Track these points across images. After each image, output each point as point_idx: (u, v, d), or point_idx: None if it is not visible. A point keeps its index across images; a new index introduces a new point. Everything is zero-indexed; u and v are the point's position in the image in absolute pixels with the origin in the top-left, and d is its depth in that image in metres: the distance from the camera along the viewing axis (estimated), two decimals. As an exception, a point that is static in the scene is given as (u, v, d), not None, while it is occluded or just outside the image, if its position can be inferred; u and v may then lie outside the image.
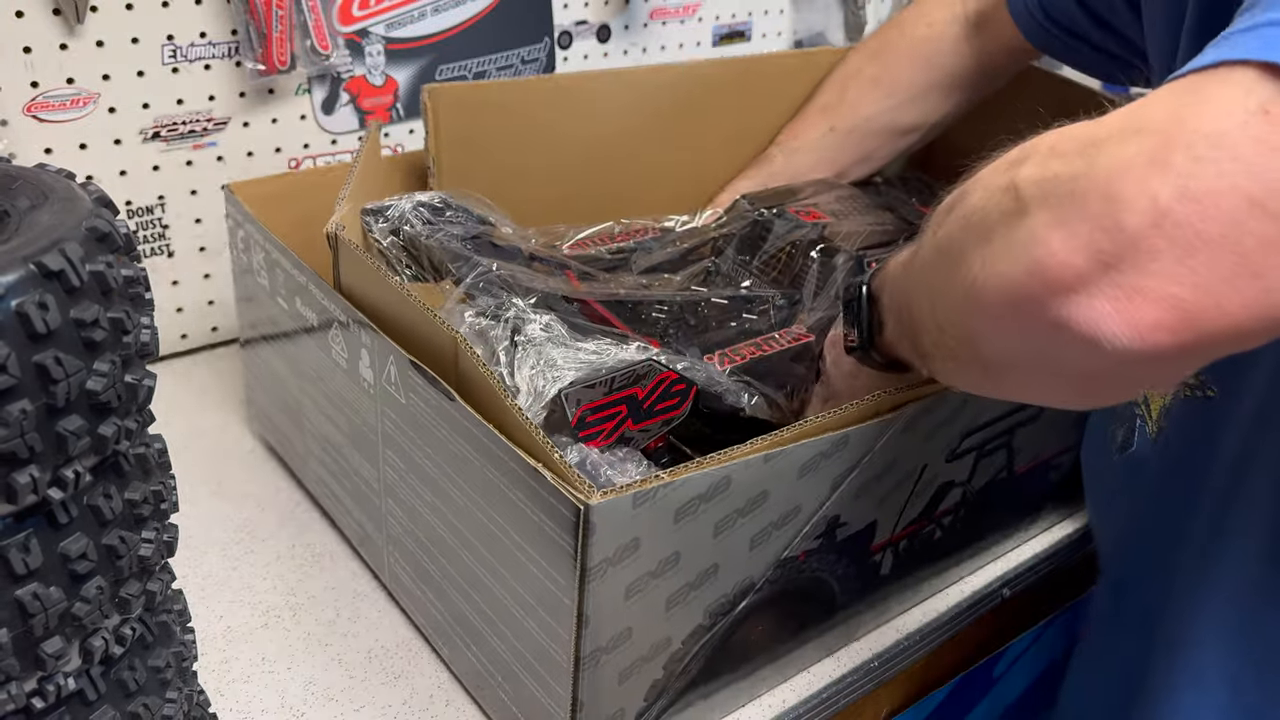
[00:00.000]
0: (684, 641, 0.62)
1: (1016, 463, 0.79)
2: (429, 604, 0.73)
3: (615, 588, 0.56)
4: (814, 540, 0.65)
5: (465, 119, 0.89)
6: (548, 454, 0.55)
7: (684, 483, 0.55)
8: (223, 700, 0.70)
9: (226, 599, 0.78)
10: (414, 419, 0.66)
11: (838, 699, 0.74)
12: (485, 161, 0.91)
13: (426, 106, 0.86)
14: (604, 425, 0.66)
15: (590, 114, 0.97)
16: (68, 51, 0.92)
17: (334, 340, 0.74)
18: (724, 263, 0.89)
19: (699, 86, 1.02)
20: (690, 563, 0.58)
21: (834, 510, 0.64)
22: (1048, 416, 0.78)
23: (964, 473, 0.74)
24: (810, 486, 0.62)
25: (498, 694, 0.67)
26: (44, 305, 0.37)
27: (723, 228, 0.92)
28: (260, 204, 0.84)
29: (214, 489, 0.90)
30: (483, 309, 0.70)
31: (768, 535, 0.61)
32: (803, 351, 0.77)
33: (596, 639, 0.57)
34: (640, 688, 0.62)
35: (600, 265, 0.86)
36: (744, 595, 0.63)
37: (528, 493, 0.56)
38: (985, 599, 0.84)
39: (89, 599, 0.42)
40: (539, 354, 0.66)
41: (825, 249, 0.85)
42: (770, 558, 0.63)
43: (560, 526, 0.54)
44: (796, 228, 0.88)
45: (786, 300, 0.82)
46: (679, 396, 0.68)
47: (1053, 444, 0.82)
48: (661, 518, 0.55)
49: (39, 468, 0.39)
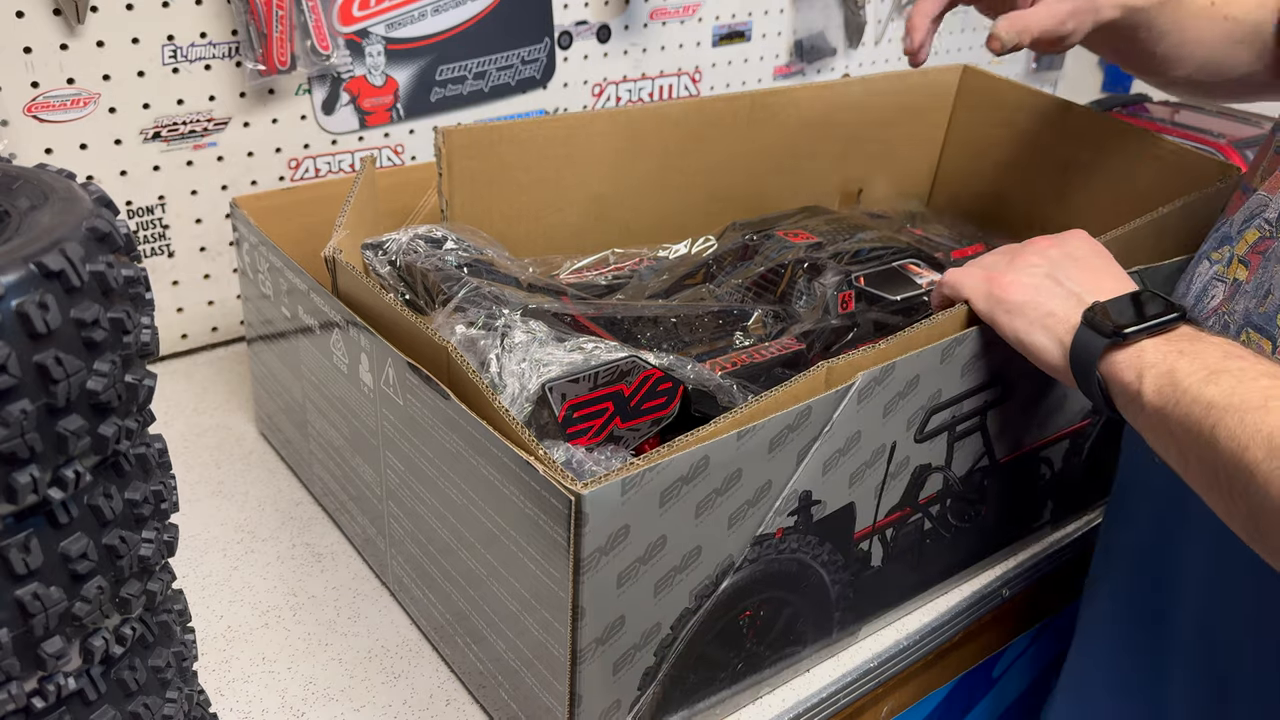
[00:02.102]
0: (673, 626, 0.63)
1: (997, 450, 0.79)
2: (430, 605, 0.73)
3: (607, 577, 0.57)
4: (788, 517, 0.66)
5: (477, 159, 0.91)
6: (537, 450, 0.56)
7: (668, 464, 0.56)
8: (223, 700, 0.70)
9: (226, 599, 0.78)
10: (412, 420, 0.67)
11: (838, 699, 0.74)
12: (496, 199, 0.93)
13: (440, 149, 0.88)
14: (591, 423, 0.66)
15: (600, 150, 0.98)
16: (68, 51, 0.92)
17: (335, 346, 0.75)
18: (717, 286, 0.91)
19: (702, 121, 1.03)
20: (675, 546, 0.60)
21: (804, 484, 0.65)
22: (1018, 399, 0.78)
23: (940, 456, 0.75)
24: (779, 462, 0.63)
25: (498, 693, 0.67)
26: (44, 305, 0.37)
27: (714, 253, 0.95)
28: (263, 217, 0.86)
29: (214, 489, 0.90)
30: (473, 319, 0.72)
31: (744, 513, 0.63)
32: (794, 359, 0.79)
33: (592, 631, 0.58)
34: (634, 677, 0.63)
35: (595, 292, 0.89)
36: (725, 575, 0.64)
37: (521, 487, 0.57)
38: (985, 599, 0.84)
39: (89, 599, 0.42)
40: (525, 352, 0.68)
41: (812, 266, 0.87)
42: (747, 535, 0.64)
43: (553, 519, 0.55)
44: (785, 248, 0.91)
45: (776, 316, 0.84)
46: (666, 395, 0.69)
47: (1033, 432, 0.82)
48: (648, 503, 0.56)
49: (39, 468, 0.39)
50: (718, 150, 1.04)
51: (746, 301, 0.87)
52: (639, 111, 1.00)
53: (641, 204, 1.02)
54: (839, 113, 1.12)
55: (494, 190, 0.93)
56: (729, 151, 1.05)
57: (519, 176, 0.94)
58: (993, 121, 1.16)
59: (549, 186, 0.96)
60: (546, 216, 0.97)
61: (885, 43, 1.55)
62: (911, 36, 0.86)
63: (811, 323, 0.83)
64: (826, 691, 0.73)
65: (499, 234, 0.90)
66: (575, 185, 0.97)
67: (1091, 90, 1.88)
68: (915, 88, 1.17)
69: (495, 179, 0.92)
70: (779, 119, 1.07)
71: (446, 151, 0.88)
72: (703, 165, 1.04)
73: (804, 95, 1.09)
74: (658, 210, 1.03)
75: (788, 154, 1.10)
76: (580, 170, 0.97)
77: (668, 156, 1.02)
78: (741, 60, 1.40)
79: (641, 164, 1.00)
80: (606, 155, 0.98)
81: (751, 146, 1.07)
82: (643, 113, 1.00)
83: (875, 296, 0.85)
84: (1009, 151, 1.15)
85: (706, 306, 0.84)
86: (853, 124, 1.14)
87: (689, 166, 1.03)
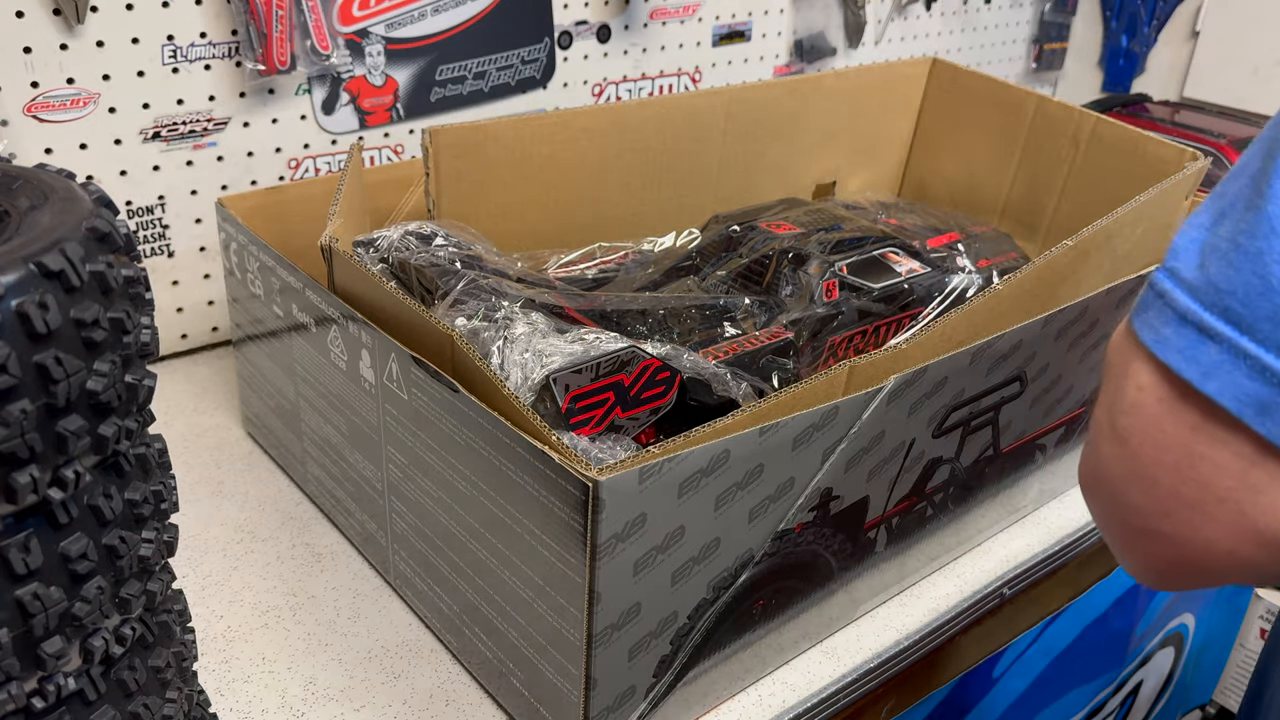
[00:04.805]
0: (689, 616, 0.63)
1: (1002, 441, 0.80)
2: (437, 599, 0.73)
3: (624, 564, 0.57)
4: (809, 513, 0.66)
5: (464, 158, 0.91)
6: (550, 437, 0.56)
7: (686, 456, 0.56)
8: (223, 700, 0.70)
9: (226, 599, 0.78)
10: (416, 414, 0.67)
11: (838, 699, 0.74)
12: (483, 197, 0.94)
13: (427, 149, 0.88)
14: (593, 413, 0.67)
15: (584, 148, 0.99)
16: (68, 51, 0.92)
17: (333, 343, 0.75)
18: (703, 279, 0.92)
19: (688, 118, 1.04)
20: (694, 537, 0.60)
21: (826, 482, 0.66)
22: (1031, 392, 0.79)
23: (951, 449, 0.76)
24: (803, 459, 0.63)
25: (510, 681, 0.68)
26: (44, 305, 0.37)
27: (699, 245, 0.96)
28: (250, 216, 0.86)
29: (214, 489, 0.90)
30: (473, 312, 0.72)
31: (765, 508, 0.63)
32: (784, 346, 0.80)
33: (608, 616, 0.58)
34: (650, 664, 0.63)
35: (583, 286, 0.89)
36: (744, 568, 0.64)
37: (535, 475, 0.58)
38: (985, 599, 0.84)
39: (89, 599, 0.42)
40: (527, 344, 0.68)
41: (797, 256, 0.88)
42: (768, 530, 0.64)
43: (569, 505, 0.55)
44: (769, 239, 0.92)
45: (763, 306, 0.85)
46: (664, 385, 0.69)
47: (1036, 422, 0.84)
48: (666, 492, 0.57)
49: (39, 468, 0.39)
50: (698, 145, 1.06)
51: (733, 292, 0.88)
52: (622, 108, 1.01)
53: (625, 199, 1.03)
54: (813, 106, 1.13)
55: (481, 189, 0.93)
56: (709, 146, 1.06)
57: (505, 174, 0.94)
58: (961, 113, 1.19)
59: (534, 184, 0.96)
60: (532, 214, 0.97)
61: (885, 43, 1.55)
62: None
63: (799, 311, 0.84)
64: (826, 691, 0.73)
65: (486, 231, 0.90)
66: (560, 183, 0.98)
67: (1091, 90, 1.88)
68: (886, 81, 1.19)
69: (482, 178, 0.93)
70: (756, 114, 1.08)
71: (434, 151, 0.88)
72: (684, 160, 1.05)
73: (779, 90, 1.10)
74: (641, 205, 1.04)
75: (764, 148, 1.11)
76: (564, 167, 0.97)
77: (649, 153, 1.02)
78: (741, 60, 1.40)
79: (625, 160, 1.01)
80: (590, 152, 0.99)
81: (730, 141, 1.08)
82: (625, 110, 1.01)
83: (857, 285, 0.87)
84: (977, 142, 1.17)
85: (695, 298, 0.85)
86: (826, 117, 1.15)
87: (672, 162, 1.04)
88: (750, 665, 0.71)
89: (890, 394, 0.66)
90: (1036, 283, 0.75)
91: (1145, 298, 0.44)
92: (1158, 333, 0.43)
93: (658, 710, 0.65)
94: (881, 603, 0.80)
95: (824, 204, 1.08)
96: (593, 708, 0.61)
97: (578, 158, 0.98)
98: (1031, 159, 1.11)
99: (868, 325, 0.86)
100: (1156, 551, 0.46)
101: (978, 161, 1.17)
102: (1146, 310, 0.44)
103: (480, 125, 0.91)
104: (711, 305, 0.84)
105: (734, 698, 0.71)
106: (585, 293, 0.85)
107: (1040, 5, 1.77)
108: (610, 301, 0.81)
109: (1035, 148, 1.11)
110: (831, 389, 0.64)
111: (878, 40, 1.54)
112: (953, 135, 1.20)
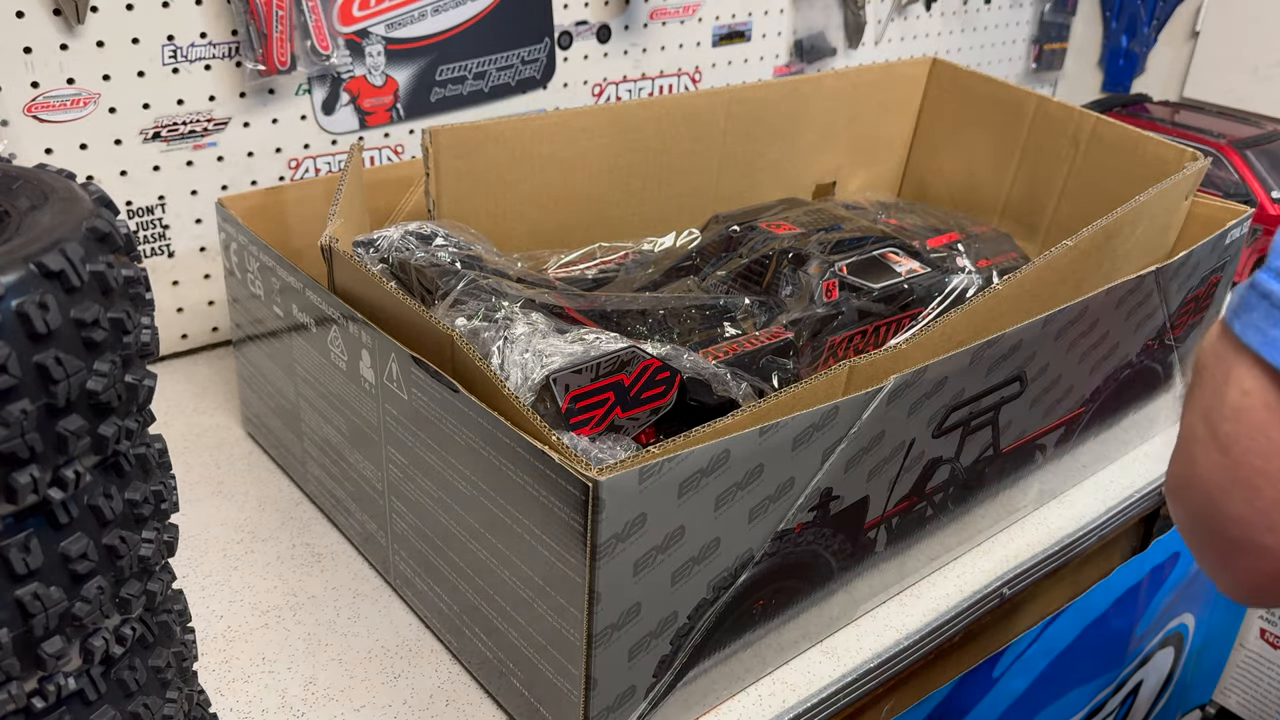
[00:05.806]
0: (689, 616, 0.63)
1: (1002, 441, 0.81)
2: (437, 599, 0.73)
3: (624, 564, 0.57)
4: (809, 513, 0.66)
5: (464, 158, 0.91)
6: (550, 437, 0.56)
7: (686, 456, 0.56)
8: (223, 700, 0.70)
9: (226, 599, 0.78)
10: (417, 414, 0.67)
11: (838, 699, 0.74)
12: (482, 197, 0.94)
13: (427, 149, 0.88)
14: (593, 413, 0.67)
15: (584, 148, 0.99)
16: (68, 51, 0.92)
17: (333, 343, 0.75)
18: (703, 279, 0.92)
19: (688, 118, 1.04)
20: (694, 537, 0.60)
21: (826, 482, 0.66)
22: (1031, 393, 0.79)
23: (951, 449, 0.76)
24: (803, 459, 0.63)
25: (510, 681, 0.68)
26: (44, 305, 0.37)
27: (699, 245, 0.96)
28: (250, 216, 0.86)
29: (214, 489, 0.90)
30: (473, 312, 0.72)
31: (765, 508, 0.63)
32: (784, 346, 0.80)
33: (608, 616, 0.58)
34: (650, 664, 0.63)
35: (583, 286, 0.90)
36: (744, 568, 0.64)
37: (535, 475, 0.58)
38: (985, 599, 0.84)
39: (89, 599, 0.42)
40: (527, 344, 0.68)
41: (797, 256, 0.88)
42: (768, 530, 0.64)
43: (569, 506, 0.55)
44: (769, 239, 0.92)
45: (763, 306, 0.85)
46: (664, 385, 0.69)
47: (1037, 422, 0.84)
48: (666, 492, 0.57)
49: (39, 468, 0.39)
50: (698, 145, 1.06)
51: (733, 292, 0.88)
52: (622, 108, 1.01)
53: (625, 199, 1.03)
54: (813, 106, 1.13)
55: (481, 189, 0.93)
56: (709, 146, 1.06)
57: (505, 175, 0.94)
58: (961, 113, 1.19)
59: (534, 184, 0.96)
60: (532, 214, 0.98)
61: (885, 43, 1.55)
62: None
63: (799, 311, 0.84)
64: (826, 691, 0.73)
65: (486, 231, 0.90)
66: (560, 183, 0.98)
67: (1091, 90, 1.88)
68: (886, 81, 1.19)
69: (482, 178, 0.93)
70: (756, 114, 1.09)
71: (434, 151, 0.89)
72: (684, 160, 1.05)
73: (779, 90, 1.11)
74: (641, 205, 1.04)
75: (764, 148, 1.11)
76: (564, 167, 0.97)
77: (649, 153, 1.02)
78: (741, 60, 1.40)
79: (625, 160, 1.01)
80: (590, 152, 0.99)
81: (730, 141, 1.08)
82: (625, 109, 1.01)
83: (857, 285, 0.87)
84: (977, 142, 1.18)
85: (695, 298, 0.85)
86: (826, 117, 1.15)
87: (672, 162, 1.04)
88: (750, 665, 0.71)
89: (890, 394, 0.66)
90: (1036, 283, 0.75)
91: (1247, 299, 0.42)
92: (1265, 334, 0.41)
93: (658, 710, 0.65)
94: (881, 603, 0.80)
95: (824, 204, 1.08)
96: (593, 708, 0.61)
97: (578, 158, 0.98)
98: (1031, 159, 1.12)
99: (868, 325, 0.86)
100: (1256, 566, 0.44)
101: (978, 161, 1.17)
102: (1250, 311, 0.42)
103: (480, 125, 0.91)
104: (711, 305, 0.84)
105: (734, 698, 0.71)
106: (585, 293, 0.85)
107: (1040, 5, 1.77)
108: (610, 302, 0.81)
109: (1035, 148, 1.11)
110: (831, 389, 0.64)
111: (878, 40, 1.54)
112: (953, 135, 1.20)
